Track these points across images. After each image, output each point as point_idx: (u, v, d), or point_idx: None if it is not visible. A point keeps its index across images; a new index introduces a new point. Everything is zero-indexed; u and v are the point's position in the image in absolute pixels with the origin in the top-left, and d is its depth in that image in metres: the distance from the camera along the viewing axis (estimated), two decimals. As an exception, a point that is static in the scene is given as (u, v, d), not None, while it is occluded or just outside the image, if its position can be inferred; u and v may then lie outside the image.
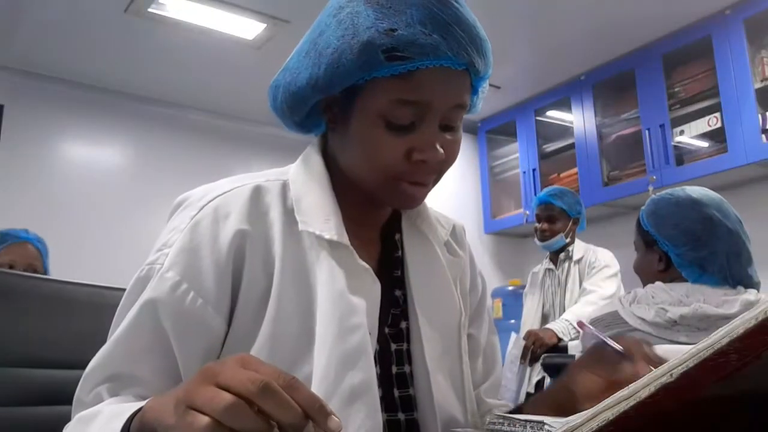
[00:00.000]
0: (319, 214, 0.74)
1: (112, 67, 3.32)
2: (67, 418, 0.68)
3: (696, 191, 1.35)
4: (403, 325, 0.79)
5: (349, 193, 0.78)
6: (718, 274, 1.30)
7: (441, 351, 0.79)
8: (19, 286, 1.00)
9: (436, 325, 0.80)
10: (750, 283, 1.32)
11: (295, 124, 0.81)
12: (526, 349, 2.57)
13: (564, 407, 0.69)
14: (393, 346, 0.78)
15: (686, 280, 1.34)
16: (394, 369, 0.77)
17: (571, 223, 2.81)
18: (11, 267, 2.24)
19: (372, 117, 0.71)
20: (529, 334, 2.61)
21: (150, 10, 2.79)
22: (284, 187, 0.77)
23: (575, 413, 0.65)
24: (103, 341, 0.71)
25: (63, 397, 0.93)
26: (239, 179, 0.77)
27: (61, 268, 2.39)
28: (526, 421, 0.64)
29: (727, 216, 1.32)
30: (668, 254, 1.35)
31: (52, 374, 0.97)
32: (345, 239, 0.74)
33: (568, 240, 2.81)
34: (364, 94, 0.70)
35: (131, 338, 0.68)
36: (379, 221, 0.84)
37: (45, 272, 2.36)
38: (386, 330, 0.78)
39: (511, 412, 0.79)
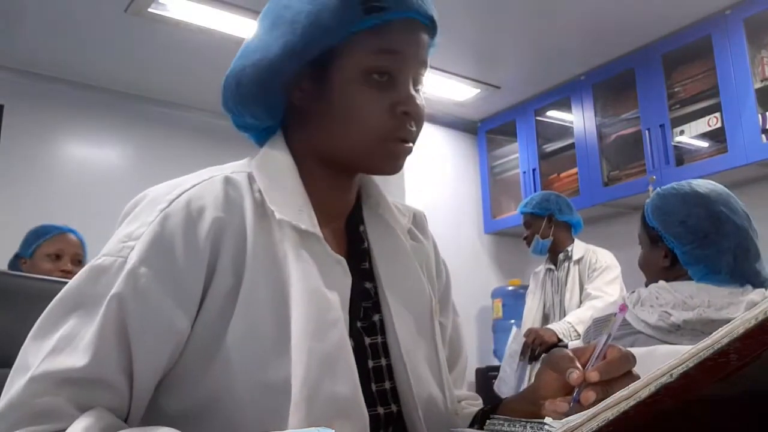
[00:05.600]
0: (290, 205, 0.73)
1: (112, 67, 3.32)
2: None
3: (702, 186, 1.31)
4: (376, 317, 0.79)
5: (315, 182, 0.78)
6: (725, 271, 1.27)
7: (416, 341, 0.79)
8: (18, 287, 1.00)
9: (409, 315, 0.79)
10: (757, 281, 1.29)
11: (260, 110, 0.78)
12: (526, 346, 2.58)
13: (532, 405, 0.70)
14: (367, 340, 0.77)
15: (692, 278, 1.31)
16: (370, 363, 0.76)
17: (545, 222, 2.83)
18: (58, 257, 2.26)
19: (354, 75, 0.73)
20: (530, 332, 2.62)
21: (150, 9, 2.79)
22: (250, 179, 0.75)
23: (540, 411, 0.66)
24: None
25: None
26: (205, 173, 0.75)
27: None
28: (526, 421, 0.64)
29: (735, 211, 1.28)
30: (674, 251, 1.32)
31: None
32: (318, 230, 0.73)
33: (551, 238, 2.83)
34: (341, 52, 0.72)
35: (98, 338, 0.62)
36: (344, 212, 0.83)
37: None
38: (358, 324, 0.77)
39: (490, 409, 0.79)
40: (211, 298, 0.67)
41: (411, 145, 0.77)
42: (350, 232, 0.83)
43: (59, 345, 0.62)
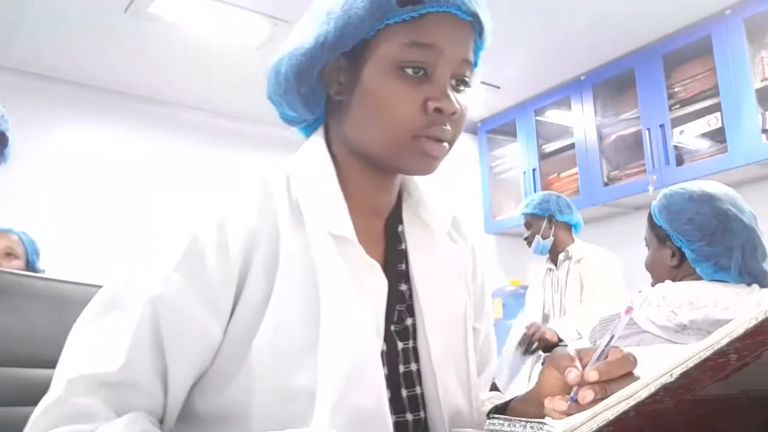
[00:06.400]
0: (325, 208, 0.72)
1: (112, 67, 3.32)
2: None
3: (710, 185, 1.32)
4: (409, 321, 0.77)
5: (355, 181, 0.77)
6: (733, 269, 1.27)
7: (447, 347, 0.78)
8: (14, 285, 0.99)
9: (442, 320, 0.78)
10: (765, 281, 1.29)
11: (297, 102, 0.77)
12: (525, 337, 2.59)
13: (536, 406, 0.70)
14: (400, 345, 0.76)
15: (700, 277, 1.31)
16: (401, 368, 0.75)
17: (545, 222, 2.83)
18: None
19: (385, 67, 0.70)
20: (532, 325, 2.62)
21: (150, 9, 2.79)
22: (288, 180, 0.74)
23: (542, 408, 0.66)
24: None
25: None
26: (241, 177, 0.74)
27: (61, 268, 2.39)
28: (526, 421, 0.64)
29: (742, 211, 1.29)
30: (682, 250, 1.32)
31: (47, 374, 0.97)
32: (352, 235, 0.72)
33: (551, 238, 2.83)
34: (375, 44, 0.70)
35: (132, 342, 0.63)
36: (383, 212, 0.81)
37: (31, 265, 2.38)
38: (392, 328, 0.76)
39: (500, 409, 0.79)
40: (242, 306, 0.67)
41: (446, 145, 0.73)
42: (389, 232, 0.81)
43: (95, 348, 0.64)
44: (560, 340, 2.57)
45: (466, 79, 0.75)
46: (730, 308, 1.21)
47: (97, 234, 3.28)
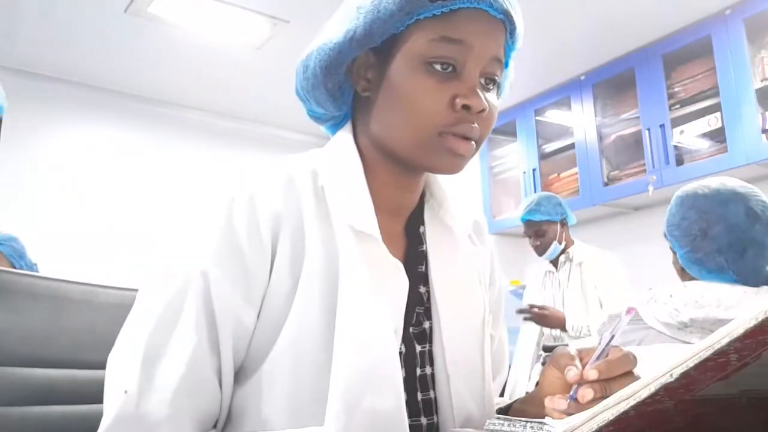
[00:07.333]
0: (351, 203, 0.71)
1: (112, 67, 3.32)
2: (61, 418, 0.64)
3: (706, 186, 1.31)
4: (426, 324, 0.77)
5: (381, 179, 0.76)
6: (732, 271, 1.25)
7: (462, 352, 0.77)
8: (13, 284, 0.99)
9: (459, 324, 0.77)
10: None
11: (325, 97, 0.77)
12: (533, 310, 2.59)
13: (539, 406, 0.70)
14: (417, 348, 0.75)
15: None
16: (418, 371, 0.75)
17: (559, 227, 2.80)
18: None
19: (413, 63, 0.69)
20: (543, 308, 2.64)
21: (150, 10, 2.79)
22: (314, 175, 0.74)
23: (542, 407, 0.66)
24: (97, 340, 0.67)
25: (56, 397, 0.92)
26: (268, 169, 0.73)
27: (60, 268, 2.38)
28: (526, 421, 0.64)
29: (734, 211, 1.26)
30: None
31: (46, 374, 0.97)
32: (377, 232, 0.71)
33: (564, 243, 2.82)
34: (404, 40, 0.70)
35: (189, 342, 0.63)
36: (405, 212, 0.80)
37: (19, 269, 2.36)
38: (411, 330, 0.75)
39: (502, 410, 0.79)
40: (270, 296, 0.67)
41: (474, 144, 0.72)
42: (409, 232, 0.80)
43: (150, 355, 0.63)
44: (564, 330, 2.58)
45: (496, 78, 0.74)
46: (733, 307, 1.21)
47: (97, 233, 3.28)
